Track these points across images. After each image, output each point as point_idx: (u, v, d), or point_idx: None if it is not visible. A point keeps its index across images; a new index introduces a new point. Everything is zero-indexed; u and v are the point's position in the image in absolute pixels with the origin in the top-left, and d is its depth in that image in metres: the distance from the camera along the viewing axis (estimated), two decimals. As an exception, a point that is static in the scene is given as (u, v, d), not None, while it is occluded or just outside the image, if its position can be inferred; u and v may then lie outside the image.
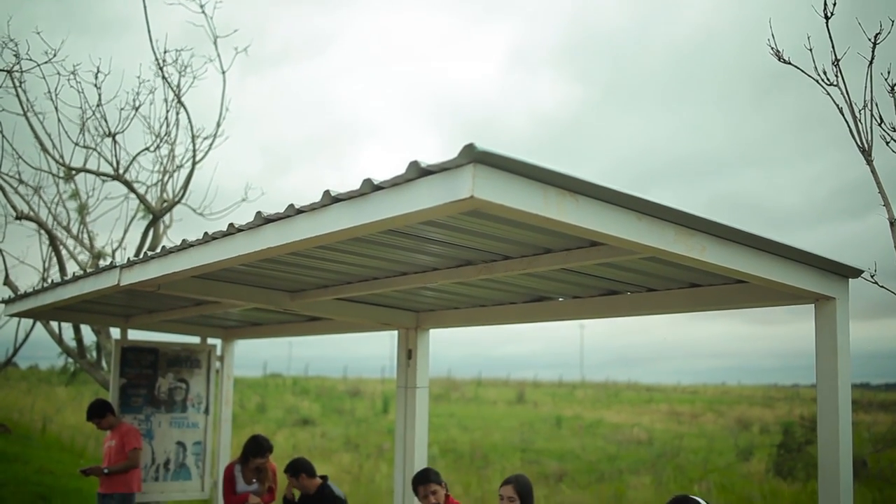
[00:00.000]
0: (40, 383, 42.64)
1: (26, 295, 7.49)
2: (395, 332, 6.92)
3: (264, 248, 3.79)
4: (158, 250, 4.91)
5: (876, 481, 17.77)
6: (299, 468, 7.16)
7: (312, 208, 3.42)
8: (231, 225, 4.03)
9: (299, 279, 5.59)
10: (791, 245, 3.77)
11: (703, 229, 3.44)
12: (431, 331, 6.86)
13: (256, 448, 7.82)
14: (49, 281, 7.06)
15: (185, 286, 5.64)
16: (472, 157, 2.63)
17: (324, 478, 7.21)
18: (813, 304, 4.26)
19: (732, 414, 35.70)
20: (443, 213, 2.90)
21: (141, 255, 5.16)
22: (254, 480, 7.84)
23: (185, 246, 4.57)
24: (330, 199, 3.28)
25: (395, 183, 2.96)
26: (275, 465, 8.09)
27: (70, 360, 13.00)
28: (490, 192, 2.69)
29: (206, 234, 4.30)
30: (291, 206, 3.53)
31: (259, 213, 3.77)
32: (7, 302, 8.18)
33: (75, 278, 6.23)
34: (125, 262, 5.32)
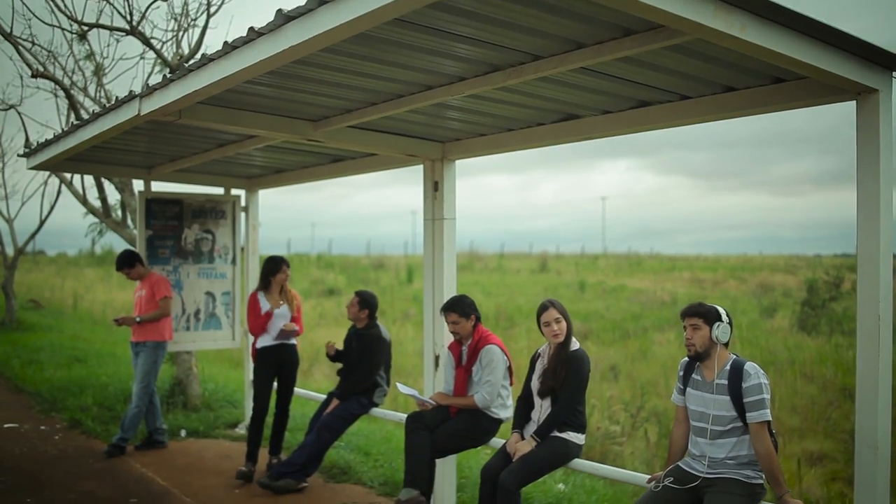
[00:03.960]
0: (69, 266, 43.51)
1: (47, 143, 7.36)
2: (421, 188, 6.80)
3: (287, 48, 3.64)
4: (178, 71, 4.78)
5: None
6: (369, 302, 7.22)
7: (336, -6, 3.27)
8: (251, 29, 3.89)
9: (322, 103, 5.45)
10: (834, 27, 3.58)
11: (744, 6, 3.26)
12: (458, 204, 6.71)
13: (273, 265, 7.69)
14: (71, 124, 6.93)
15: (207, 114, 5.52)
16: None
17: (375, 318, 7.28)
18: (854, 101, 4.06)
19: (755, 280, 35.84)
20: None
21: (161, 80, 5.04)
22: (281, 303, 7.70)
23: (206, 61, 4.42)
24: (354, -19, 3.13)
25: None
26: (297, 293, 8.02)
27: (96, 220, 13.01)
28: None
29: (225, 43, 4.16)
30: (313, -4, 3.38)
31: (279, 10, 3.63)
32: (28, 154, 8.07)
33: (95, 116, 6.11)
34: (144, 89, 5.20)
